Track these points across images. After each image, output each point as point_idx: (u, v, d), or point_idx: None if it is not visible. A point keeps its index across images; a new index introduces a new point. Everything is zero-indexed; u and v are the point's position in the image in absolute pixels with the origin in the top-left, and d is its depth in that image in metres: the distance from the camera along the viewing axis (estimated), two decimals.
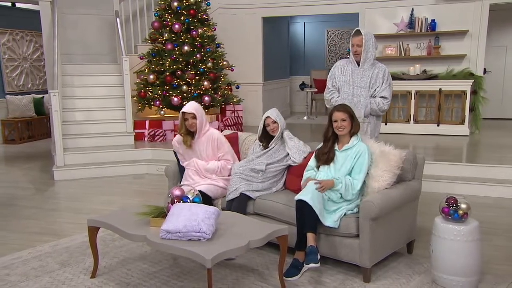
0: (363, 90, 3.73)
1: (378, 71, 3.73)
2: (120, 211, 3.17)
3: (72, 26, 7.62)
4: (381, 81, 3.73)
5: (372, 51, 3.70)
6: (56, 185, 5.58)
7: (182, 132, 3.63)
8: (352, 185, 3.01)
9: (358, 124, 3.17)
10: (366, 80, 3.73)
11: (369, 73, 3.72)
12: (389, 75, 3.79)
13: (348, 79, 3.78)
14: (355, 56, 3.74)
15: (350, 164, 3.08)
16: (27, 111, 8.75)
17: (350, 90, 3.77)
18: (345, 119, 3.10)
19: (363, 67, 3.73)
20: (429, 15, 7.23)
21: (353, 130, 3.14)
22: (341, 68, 3.87)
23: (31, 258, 3.35)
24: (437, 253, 2.78)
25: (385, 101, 3.74)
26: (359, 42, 3.66)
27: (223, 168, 3.65)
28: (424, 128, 7.16)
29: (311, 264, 2.74)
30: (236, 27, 8.32)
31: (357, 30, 3.72)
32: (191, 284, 2.93)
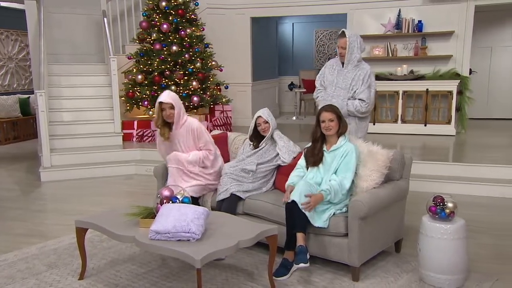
0: (343, 91, 3.73)
1: (360, 73, 3.70)
2: (108, 212, 3.15)
3: (59, 25, 7.53)
4: (361, 82, 3.70)
5: (357, 53, 3.69)
6: (43, 186, 5.51)
7: (159, 124, 3.47)
8: (341, 186, 3.00)
9: (345, 124, 3.18)
10: (347, 81, 3.73)
11: (351, 74, 3.72)
12: (370, 77, 3.73)
13: (333, 79, 3.81)
14: (340, 57, 3.77)
15: (338, 164, 3.09)
16: (12, 112, 8.63)
17: (332, 90, 3.79)
18: (332, 120, 3.11)
19: (347, 68, 3.74)
20: (416, 16, 7.31)
21: (340, 130, 3.15)
22: (330, 67, 3.89)
23: (18, 260, 3.31)
24: (424, 251, 2.81)
25: (363, 103, 3.68)
26: (343, 44, 3.67)
27: (206, 158, 3.55)
28: (412, 128, 7.24)
29: (301, 264, 2.76)
30: (225, 27, 8.31)
31: (342, 32, 3.72)
32: (180, 284, 2.92)
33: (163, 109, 3.43)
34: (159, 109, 3.43)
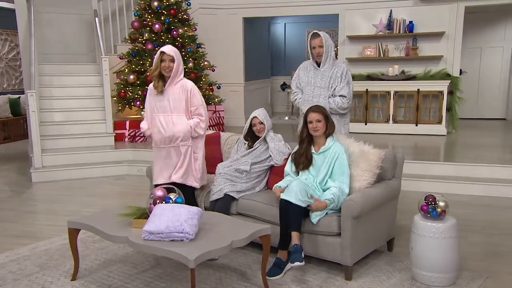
0: (323, 90, 3.80)
1: (337, 70, 3.79)
2: (101, 213, 3.13)
3: (49, 25, 7.47)
4: (339, 80, 3.78)
5: (331, 51, 3.80)
6: (34, 187, 5.47)
7: (155, 75, 3.34)
8: (341, 191, 2.99)
9: (333, 124, 3.18)
10: (325, 80, 3.80)
11: (329, 73, 3.80)
12: (348, 74, 3.83)
13: (310, 80, 3.87)
14: (317, 57, 3.81)
15: (329, 167, 3.10)
16: (2, 112, 8.54)
17: (311, 91, 3.85)
18: (320, 120, 3.12)
19: (323, 67, 3.81)
20: (407, 17, 7.36)
21: (328, 131, 3.15)
22: (304, 69, 3.96)
23: (9, 262, 3.28)
24: (416, 250, 2.83)
25: (344, 99, 3.77)
26: (320, 43, 3.74)
27: (197, 126, 3.43)
28: (403, 128, 7.29)
29: (296, 262, 2.77)
30: (217, 28, 8.31)
31: (315, 33, 3.79)
32: (173, 285, 2.92)
33: (163, 60, 3.30)
34: (158, 59, 3.32)
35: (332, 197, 2.96)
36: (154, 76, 3.36)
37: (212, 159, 3.97)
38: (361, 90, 7.41)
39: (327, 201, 2.95)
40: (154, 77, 3.37)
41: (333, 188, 3.01)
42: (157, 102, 3.42)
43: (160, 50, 3.34)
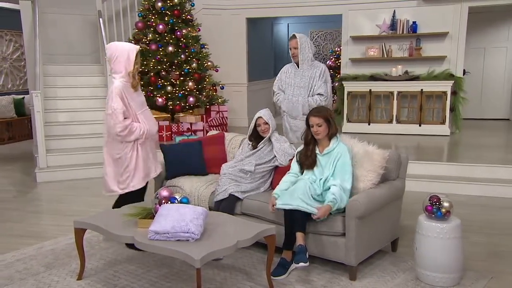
0: (302, 89, 4.01)
1: (316, 70, 4.00)
2: (107, 212, 3.15)
3: (54, 25, 7.50)
4: (317, 79, 3.97)
5: (308, 52, 3.98)
6: (39, 187, 5.50)
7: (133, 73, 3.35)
8: (342, 189, 2.99)
9: (335, 126, 3.17)
10: (305, 80, 4.00)
11: (308, 73, 4.01)
12: (325, 73, 4.02)
13: (290, 81, 4.08)
14: (293, 58, 4.04)
15: (333, 167, 3.10)
16: (7, 112, 8.59)
17: (291, 91, 4.06)
18: (320, 125, 3.12)
19: (302, 68, 4.02)
20: (411, 17, 7.36)
21: (330, 133, 3.15)
22: (285, 72, 4.17)
23: (15, 261, 3.30)
24: (420, 250, 2.84)
25: (322, 97, 3.97)
26: (295, 44, 3.97)
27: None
28: (406, 128, 7.29)
29: (301, 263, 2.78)
30: (221, 28, 8.33)
31: (293, 35, 4.03)
32: (179, 284, 2.93)
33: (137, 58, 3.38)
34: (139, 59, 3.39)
35: (334, 197, 2.95)
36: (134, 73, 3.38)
37: (217, 160, 3.99)
38: (365, 90, 7.41)
39: (330, 203, 2.94)
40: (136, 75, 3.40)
41: (333, 187, 3.01)
42: (136, 98, 3.43)
43: (138, 47, 3.40)
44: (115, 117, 3.25)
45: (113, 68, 3.34)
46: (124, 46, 3.39)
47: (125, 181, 3.39)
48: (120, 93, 3.28)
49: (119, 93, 3.28)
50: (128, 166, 3.36)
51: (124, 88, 3.32)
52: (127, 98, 3.32)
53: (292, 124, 4.14)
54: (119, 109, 3.25)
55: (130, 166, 3.37)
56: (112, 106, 3.26)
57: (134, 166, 3.38)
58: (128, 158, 3.36)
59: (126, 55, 3.31)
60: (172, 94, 6.78)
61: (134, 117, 3.38)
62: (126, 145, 3.35)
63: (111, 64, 3.35)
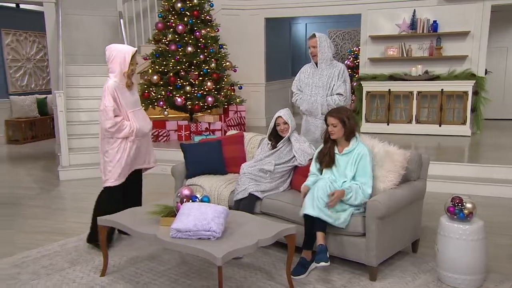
0: (321, 89, 3.97)
1: (334, 70, 3.97)
2: (130, 210, 3.20)
3: (76, 26, 7.66)
4: (336, 78, 3.94)
5: (328, 52, 3.96)
6: (61, 185, 5.62)
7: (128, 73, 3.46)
8: (363, 191, 3.00)
9: (351, 128, 3.14)
10: (323, 79, 3.97)
11: (326, 72, 3.97)
12: (344, 72, 4.00)
13: (308, 81, 4.05)
14: (312, 57, 4.01)
15: (353, 168, 3.10)
16: (30, 112, 8.79)
17: (309, 90, 4.03)
18: (335, 125, 3.12)
19: (321, 67, 3.98)
20: (431, 16, 7.27)
21: (346, 134, 3.14)
22: (305, 71, 4.14)
23: (41, 257, 3.39)
24: (442, 251, 2.82)
25: (341, 97, 3.94)
26: (314, 43, 3.95)
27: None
28: (426, 129, 7.21)
29: (321, 263, 2.79)
30: (239, 28, 8.37)
31: (313, 34, 4.00)
32: (199, 282, 2.97)
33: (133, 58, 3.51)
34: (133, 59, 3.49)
35: (349, 186, 2.99)
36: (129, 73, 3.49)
37: (236, 159, 4.02)
38: (384, 90, 7.36)
39: (345, 189, 2.98)
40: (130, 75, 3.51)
41: (353, 184, 3.03)
42: (130, 98, 3.54)
43: (135, 50, 3.52)
44: (106, 114, 3.38)
45: (110, 68, 3.50)
46: (121, 48, 3.54)
47: (106, 175, 3.52)
48: (113, 91, 3.40)
49: (111, 91, 3.40)
50: (111, 161, 3.47)
51: (116, 87, 3.43)
52: (119, 97, 3.43)
53: (311, 124, 4.11)
54: (110, 106, 3.38)
55: (112, 163, 3.47)
56: (104, 103, 3.40)
57: (115, 164, 3.47)
58: (113, 154, 3.47)
59: (122, 57, 3.45)
60: (191, 94, 6.84)
61: (125, 115, 3.50)
62: (115, 140, 3.47)
63: (109, 64, 3.51)
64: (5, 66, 8.64)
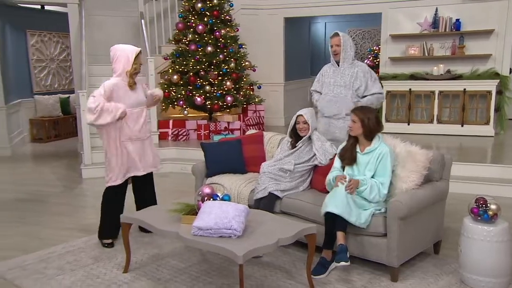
0: (343, 88, 3.93)
1: (357, 70, 3.93)
2: (151, 208, 3.26)
3: (98, 27, 7.79)
4: (363, 79, 3.90)
5: (350, 51, 3.94)
6: (84, 183, 5.73)
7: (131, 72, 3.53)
8: (379, 190, 3.00)
9: (370, 129, 3.12)
10: (346, 78, 3.93)
11: (348, 71, 3.94)
12: (371, 71, 3.99)
13: (330, 80, 4.01)
14: (335, 56, 3.97)
15: (373, 167, 3.09)
16: (54, 111, 8.98)
17: (331, 90, 3.99)
18: (355, 122, 3.12)
19: (343, 66, 3.95)
20: (454, 15, 7.15)
21: (365, 134, 3.12)
22: (325, 72, 4.10)
23: (66, 253, 3.47)
24: (466, 253, 2.78)
25: (380, 95, 3.94)
26: (337, 42, 3.91)
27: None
28: (448, 129, 7.10)
29: (342, 262, 2.79)
30: (258, 28, 8.38)
31: (335, 32, 3.97)
32: (220, 280, 3.00)
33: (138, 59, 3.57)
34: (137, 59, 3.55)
35: (365, 178, 3.02)
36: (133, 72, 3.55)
37: (256, 158, 4.04)
38: (404, 89, 7.27)
39: (361, 180, 3.02)
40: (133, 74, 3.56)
41: (371, 179, 3.05)
42: (132, 96, 3.58)
43: (139, 50, 3.58)
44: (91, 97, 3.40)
45: (113, 68, 3.55)
46: (125, 48, 3.59)
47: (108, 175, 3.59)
48: (110, 88, 3.44)
49: (109, 86, 3.44)
50: (108, 163, 3.56)
51: (115, 86, 3.49)
52: (114, 96, 3.47)
53: (332, 125, 4.04)
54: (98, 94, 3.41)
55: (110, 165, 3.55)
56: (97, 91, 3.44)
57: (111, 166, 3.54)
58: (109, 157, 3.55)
59: (126, 56, 3.51)
60: (210, 94, 6.89)
61: None
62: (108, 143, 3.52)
63: (112, 64, 3.56)
64: (30, 66, 8.84)
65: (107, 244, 3.57)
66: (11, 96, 7.92)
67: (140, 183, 3.80)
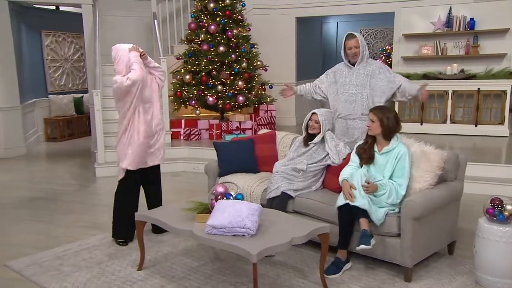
0: (359, 88, 3.89)
1: (373, 67, 3.91)
2: (166, 207, 3.29)
3: (112, 27, 7.86)
4: (382, 76, 3.85)
5: (366, 50, 3.93)
6: (98, 182, 5.79)
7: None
8: (396, 192, 2.98)
9: (389, 128, 3.10)
10: (361, 78, 3.90)
11: (364, 71, 3.90)
12: (386, 66, 3.99)
13: (345, 80, 3.96)
14: (353, 58, 3.90)
15: (391, 167, 3.07)
16: (68, 110, 9.09)
17: (346, 89, 3.95)
18: (373, 121, 3.10)
19: (358, 66, 3.91)
20: (468, 14, 7.08)
21: (384, 134, 3.10)
22: (340, 72, 4.03)
23: (81, 250, 3.52)
24: (481, 254, 2.76)
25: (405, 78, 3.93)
26: (356, 43, 3.86)
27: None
28: (461, 129, 7.03)
29: (362, 245, 2.79)
30: (270, 28, 8.39)
31: (350, 34, 3.91)
32: (233, 279, 3.01)
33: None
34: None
35: (383, 180, 2.99)
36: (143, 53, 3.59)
37: (268, 158, 4.05)
38: None
39: (380, 185, 2.98)
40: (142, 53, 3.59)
41: (390, 183, 3.02)
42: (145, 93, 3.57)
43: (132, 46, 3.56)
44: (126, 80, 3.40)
45: (116, 69, 3.51)
46: (126, 47, 3.53)
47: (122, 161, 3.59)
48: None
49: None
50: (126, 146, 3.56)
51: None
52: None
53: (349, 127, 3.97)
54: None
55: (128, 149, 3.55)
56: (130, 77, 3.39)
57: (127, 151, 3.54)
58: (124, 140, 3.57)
59: (127, 56, 3.46)
60: (222, 93, 6.91)
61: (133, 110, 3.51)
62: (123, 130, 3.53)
63: (114, 65, 3.52)
64: (45, 66, 8.97)
65: (121, 242, 3.60)
66: (27, 96, 8.05)
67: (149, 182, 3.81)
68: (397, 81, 3.86)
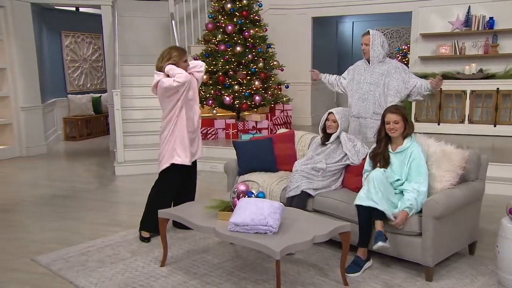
0: (373, 86, 3.93)
1: (389, 66, 3.92)
2: (188, 204, 3.34)
3: (130, 28, 7.97)
4: (397, 76, 3.85)
5: (379, 50, 3.92)
6: (117, 180, 5.89)
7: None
8: (419, 193, 2.97)
9: (411, 125, 3.14)
10: (375, 76, 3.93)
11: (379, 70, 3.93)
12: (402, 66, 3.96)
13: (360, 78, 4.02)
14: (364, 54, 3.98)
15: (406, 167, 3.08)
16: (86, 110, 9.24)
17: (360, 87, 4.00)
18: (398, 122, 3.10)
19: (373, 65, 3.95)
20: (487, 13, 7.02)
21: (406, 132, 3.12)
22: (358, 68, 4.10)
23: (105, 247, 3.60)
24: (504, 254, 2.75)
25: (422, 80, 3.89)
26: (366, 41, 3.92)
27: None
28: (480, 129, 6.97)
29: (379, 242, 2.81)
30: (286, 28, 8.41)
31: (367, 31, 3.98)
32: (254, 276, 3.05)
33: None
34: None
35: (410, 204, 2.93)
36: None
37: (287, 157, 4.08)
38: None
39: (407, 209, 2.93)
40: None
41: (409, 193, 2.98)
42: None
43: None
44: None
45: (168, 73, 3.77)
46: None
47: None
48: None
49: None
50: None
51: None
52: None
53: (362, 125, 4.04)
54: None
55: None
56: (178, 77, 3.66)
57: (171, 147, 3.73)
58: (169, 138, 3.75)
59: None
60: (239, 93, 6.96)
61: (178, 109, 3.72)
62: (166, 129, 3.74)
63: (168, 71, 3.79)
64: (65, 66, 9.13)
65: (144, 238, 3.67)
66: (47, 96, 8.21)
67: (186, 176, 3.94)
68: (412, 82, 3.87)
